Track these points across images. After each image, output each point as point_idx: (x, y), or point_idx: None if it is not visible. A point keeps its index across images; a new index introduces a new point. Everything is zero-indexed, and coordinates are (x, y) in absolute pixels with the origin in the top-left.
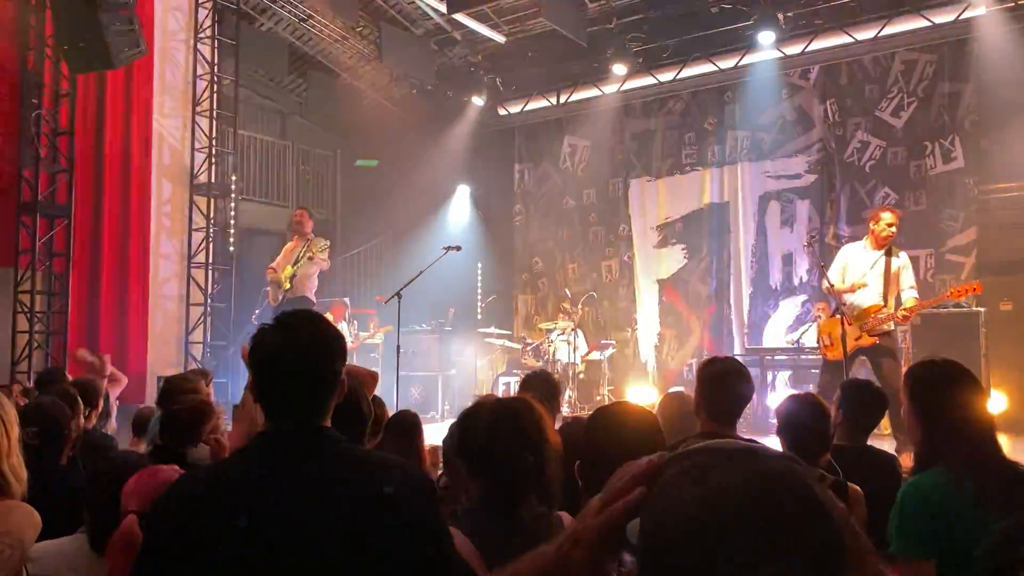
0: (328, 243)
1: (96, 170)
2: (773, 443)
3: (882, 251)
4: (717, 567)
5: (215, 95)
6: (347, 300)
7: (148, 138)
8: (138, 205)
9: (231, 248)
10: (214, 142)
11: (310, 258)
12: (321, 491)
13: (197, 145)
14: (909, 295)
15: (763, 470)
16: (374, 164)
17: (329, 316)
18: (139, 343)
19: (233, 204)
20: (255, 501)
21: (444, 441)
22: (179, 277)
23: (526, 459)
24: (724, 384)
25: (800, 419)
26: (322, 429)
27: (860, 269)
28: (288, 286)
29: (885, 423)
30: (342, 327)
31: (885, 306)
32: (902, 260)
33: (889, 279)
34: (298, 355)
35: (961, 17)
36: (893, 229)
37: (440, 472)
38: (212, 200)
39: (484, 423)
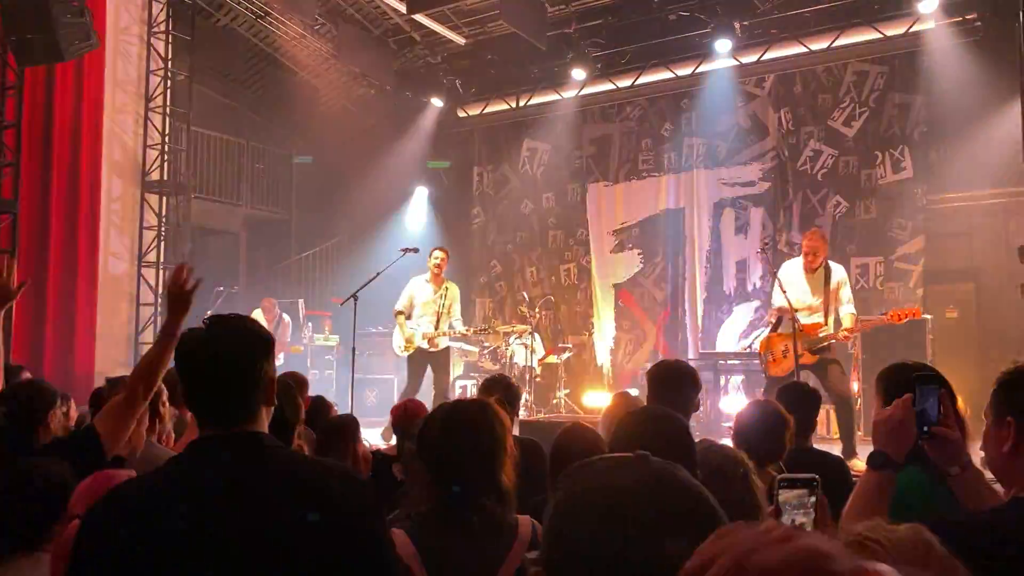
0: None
1: (44, 165)
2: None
3: (820, 269)
4: (628, 548)
5: (168, 91)
6: (274, 300)
7: (99, 134)
8: (87, 202)
9: (186, 247)
10: (167, 139)
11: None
12: (255, 499)
13: (149, 141)
14: (847, 312)
15: (651, 469)
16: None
17: (257, 314)
18: (87, 343)
19: (186, 202)
20: (187, 511)
21: (407, 445)
22: (129, 276)
23: (477, 461)
24: (674, 385)
25: (758, 424)
26: (254, 434)
27: (801, 287)
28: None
29: (834, 429)
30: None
31: (825, 324)
32: (840, 275)
33: (829, 297)
34: (219, 355)
35: (911, 30)
36: (810, 256)
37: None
38: (164, 198)
39: (438, 425)
